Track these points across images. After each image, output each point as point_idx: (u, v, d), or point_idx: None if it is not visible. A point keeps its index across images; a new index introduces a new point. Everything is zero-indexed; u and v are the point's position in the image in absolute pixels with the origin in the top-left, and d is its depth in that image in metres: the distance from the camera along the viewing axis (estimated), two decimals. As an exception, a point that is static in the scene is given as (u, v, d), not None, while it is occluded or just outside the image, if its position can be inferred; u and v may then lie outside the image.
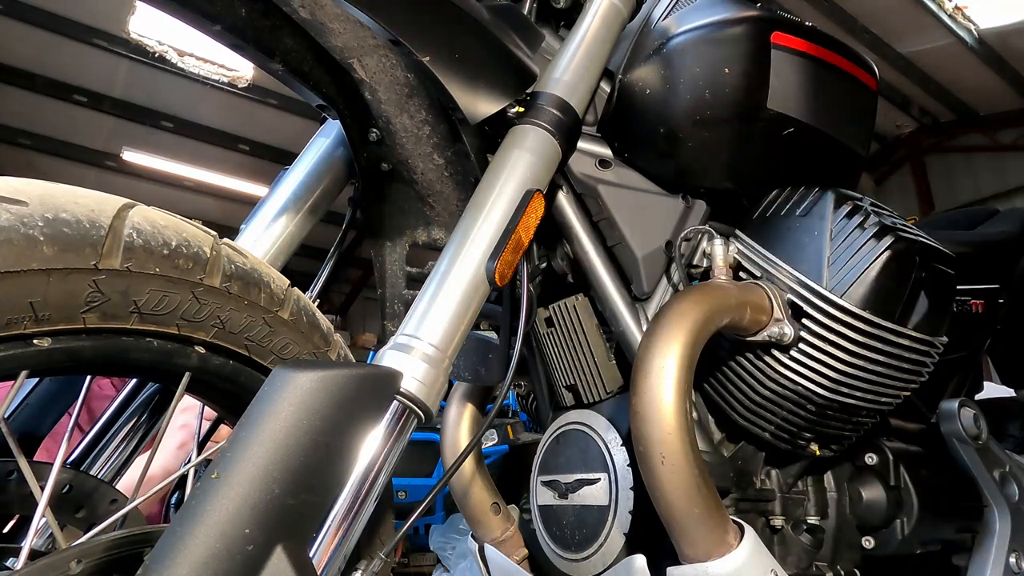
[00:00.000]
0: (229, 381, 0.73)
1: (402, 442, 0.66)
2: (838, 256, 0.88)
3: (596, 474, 0.94)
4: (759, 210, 0.99)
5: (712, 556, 0.75)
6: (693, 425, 0.79)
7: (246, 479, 0.51)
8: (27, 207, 0.55)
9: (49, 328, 0.57)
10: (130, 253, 0.60)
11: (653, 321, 0.83)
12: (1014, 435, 1.24)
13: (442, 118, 0.94)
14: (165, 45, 6.16)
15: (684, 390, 0.78)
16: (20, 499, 0.76)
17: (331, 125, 1.03)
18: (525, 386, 2.04)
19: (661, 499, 0.78)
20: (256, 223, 0.97)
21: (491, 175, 0.82)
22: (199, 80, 6.61)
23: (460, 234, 0.77)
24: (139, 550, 0.60)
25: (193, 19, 0.79)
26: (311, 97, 0.94)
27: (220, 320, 0.69)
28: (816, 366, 0.87)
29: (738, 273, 0.94)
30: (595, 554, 0.92)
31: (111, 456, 0.93)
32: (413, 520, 0.73)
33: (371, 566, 0.68)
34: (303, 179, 1.00)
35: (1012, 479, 1.04)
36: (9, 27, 5.89)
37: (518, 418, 4.57)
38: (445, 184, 1.00)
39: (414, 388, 0.66)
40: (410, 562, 4.20)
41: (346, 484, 0.61)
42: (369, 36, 0.86)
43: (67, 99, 6.70)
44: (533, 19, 1.02)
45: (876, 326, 0.86)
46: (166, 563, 0.48)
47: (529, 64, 0.89)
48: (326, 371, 0.57)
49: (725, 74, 0.93)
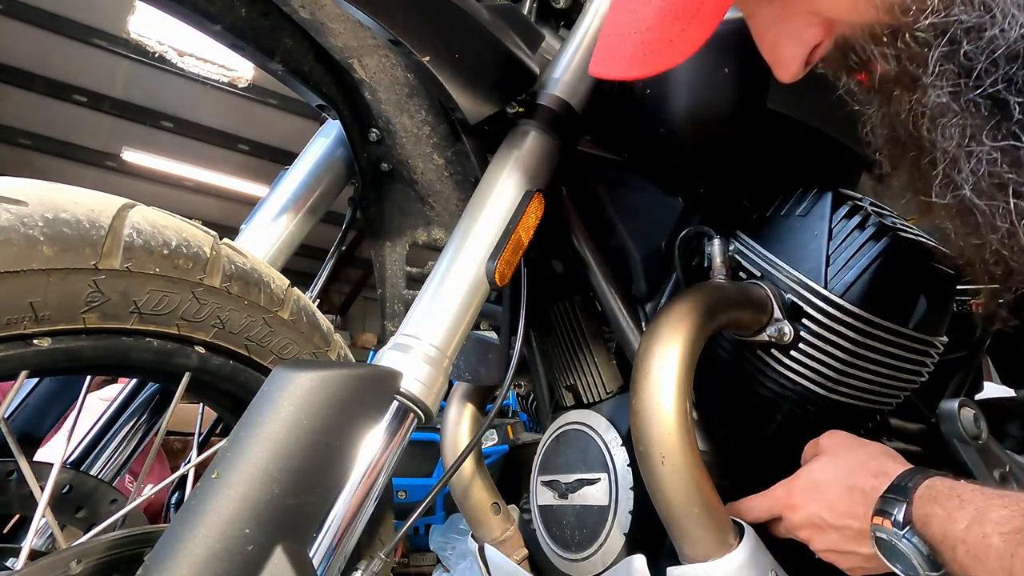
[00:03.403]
0: (229, 381, 0.73)
1: (402, 442, 0.66)
2: (838, 256, 0.88)
3: (596, 474, 0.94)
4: (759, 210, 0.99)
5: (712, 556, 0.75)
6: (693, 425, 0.79)
7: (246, 479, 0.51)
8: (27, 207, 0.55)
9: (49, 328, 0.57)
10: (130, 253, 0.60)
11: (653, 321, 0.83)
12: (1014, 435, 1.24)
13: (442, 118, 0.94)
14: (165, 45, 6.15)
15: (684, 390, 0.78)
16: (20, 499, 0.76)
17: (331, 125, 1.03)
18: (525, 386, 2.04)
19: (661, 499, 0.78)
20: (256, 223, 0.97)
21: (491, 175, 0.82)
22: (199, 80, 6.61)
23: (460, 234, 0.77)
24: (139, 550, 0.60)
25: (193, 19, 0.79)
26: (311, 97, 0.94)
27: (220, 320, 0.69)
28: (816, 366, 0.87)
29: (738, 273, 0.94)
30: (595, 554, 0.92)
31: (111, 456, 0.93)
32: (413, 520, 0.73)
33: (371, 566, 0.68)
34: (303, 179, 1.00)
35: (1012, 479, 1.04)
36: (9, 27, 5.89)
37: (518, 418, 4.57)
38: (445, 184, 1.00)
39: (414, 388, 0.66)
40: (410, 562, 4.20)
41: (346, 484, 0.61)
42: (369, 36, 0.86)
43: (67, 99, 6.70)
44: (533, 19, 1.02)
45: (876, 326, 0.86)
46: (166, 563, 0.48)
47: (529, 64, 0.88)
48: (326, 371, 0.57)
49: (725, 74, 0.93)
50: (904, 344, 0.88)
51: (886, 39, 0.61)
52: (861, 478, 0.75)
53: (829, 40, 0.66)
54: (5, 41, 6.03)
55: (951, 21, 0.55)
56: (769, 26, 0.69)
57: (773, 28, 0.68)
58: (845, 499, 0.75)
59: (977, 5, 0.54)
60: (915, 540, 0.66)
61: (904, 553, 0.67)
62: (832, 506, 0.76)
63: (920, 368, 0.92)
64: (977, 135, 0.57)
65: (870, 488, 0.73)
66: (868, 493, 0.73)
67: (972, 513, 0.62)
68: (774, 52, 0.69)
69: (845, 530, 0.75)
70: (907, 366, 0.90)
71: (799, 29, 0.66)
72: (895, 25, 0.59)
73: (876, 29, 0.61)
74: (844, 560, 0.77)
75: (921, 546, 0.66)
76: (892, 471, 0.74)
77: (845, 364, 0.86)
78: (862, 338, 0.86)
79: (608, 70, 0.67)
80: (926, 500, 0.67)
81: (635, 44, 0.63)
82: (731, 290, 0.88)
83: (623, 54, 0.64)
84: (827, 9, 0.64)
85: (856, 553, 0.75)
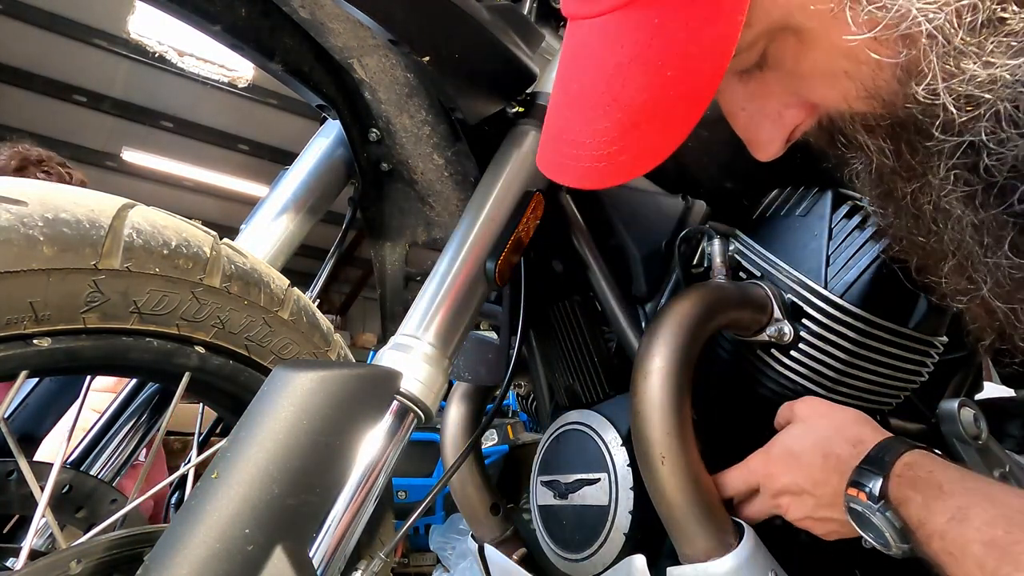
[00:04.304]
0: (229, 381, 0.73)
1: (402, 442, 0.66)
2: (838, 256, 0.88)
3: (596, 474, 0.94)
4: (759, 210, 0.99)
5: (712, 556, 0.76)
6: (693, 425, 0.79)
7: (246, 479, 0.51)
8: (27, 207, 0.55)
9: (49, 328, 0.57)
10: (130, 253, 0.60)
11: (652, 321, 0.83)
12: (1014, 435, 1.24)
13: (442, 118, 0.94)
14: (165, 45, 6.15)
15: (684, 390, 0.78)
16: (20, 499, 0.76)
17: (331, 125, 1.03)
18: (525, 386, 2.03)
19: (661, 499, 0.78)
20: (256, 223, 0.97)
21: (491, 175, 0.82)
22: (199, 80, 6.61)
23: (460, 234, 0.77)
24: (139, 550, 0.60)
25: (193, 19, 0.79)
26: (311, 97, 0.94)
27: (220, 320, 0.69)
28: (816, 366, 0.87)
29: (738, 273, 0.94)
30: (595, 554, 0.92)
31: (111, 456, 0.93)
32: (413, 520, 0.73)
33: (371, 566, 0.68)
34: (303, 179, 1.00)
35: (1012, 479, 1.04)
36: (9, 27, 5.89)
37: (518, 418, 4.58)
38: (445, 184, 1.00)
39: (414, 388, 0.66)
40: (410, 562, 4.20)
41: (346, 484, 0.61)
42: (369, 36, 0.86)
43: (67, 99, 6.70)
44: (533, 19, 1.02)
45: (876, 326, 0.86)
46: (166, 563, 0.48)
47: (529, 64, 0.88)
48: (326, 371, 0.57)
49: (725, 74, 0.93)
50: (904, 344, 0.88)
51: (884, 133, 0.55)
52: (838, 445, 0.75)
53: (812, 120, 0.61)
54: (5, 41, 6.03)
55: (972, 130, 0.49)
56: (743, 104, 0.62)
57: (748, 107, 0.62)
58: (821, 466, 0.75)
59: (1006, 120, 0.47)
60: (889, 515, 0.66)
61: (877, 526, 0.67)
62: (809, 473, 0.76)
63: (920, 368, 0.92)
64: (995, 249, 0.53)
65: (847, 455, 0.73)
66: (844, 460, 0.73)
67: (953, 509, 0.61)
68: (749, 132, 0.63)
69: (821, 497, 0.75)
70: (907, 366, 0.90)
71: (778, 109, 0.60)
72: (897, 121, 0.53)
73: (870, 120, 0.55)
74: (820, 526, 0.77)
75: (895, 520, 0.65)
76: (869, 439, 0.73)
77: (845, 364, 0.86)
78: (862, 338, 0.86)
79: (561, 175, 0.60)
80: (905, 482, 0.66)
81: (591, 156, 0.56)
82: (731, 290, 0.88)
83: (578, 166, 0.57)
84: (813, 96, 0.58)
85: (832, 519, 0.75)
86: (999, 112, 0.47)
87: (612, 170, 0.55)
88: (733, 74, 0.60)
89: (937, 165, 0.52)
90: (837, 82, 0.54)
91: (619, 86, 0.53)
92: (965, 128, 0.49)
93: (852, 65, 0.52)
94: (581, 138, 0.56)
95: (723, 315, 0.84)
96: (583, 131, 0.56)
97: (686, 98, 0.52)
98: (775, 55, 0.56)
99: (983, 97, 0.47)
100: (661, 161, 0.54)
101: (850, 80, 0.53)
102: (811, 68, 0.55)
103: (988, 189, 0.51)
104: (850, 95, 0.54)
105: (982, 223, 0.53)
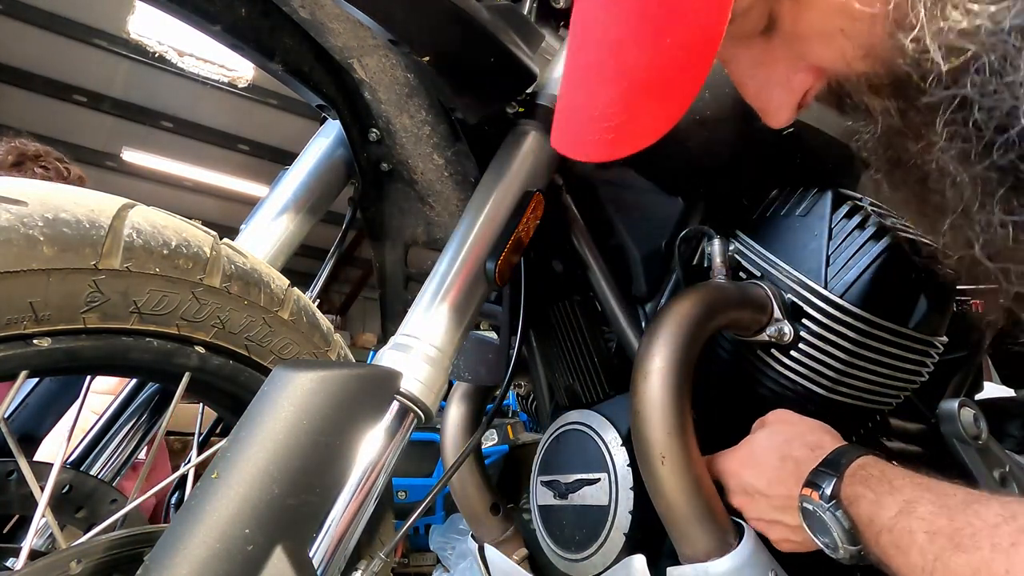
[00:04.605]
0: (229, 381, 0.73)
1: (402, 442, 0.66)
2: (838, 256, 0.88)
3: (596, 474, 0.94)
4: (759, 210, 0.99)
5: (712, 556, 0.76)
6: (693, 425, 0.79)
7: (246, 479, 0.51)
8: (27, 207, 0.55)
9: (49, 328, 0.57)
10: (130, 253, 0.60)
11: (652, 321, 0.83)
12: (1014, 435, 1.24)
13: (442, 118, 0.94)
14: (165, 45, 6.15)
15: (684, 390, 0.78)
16: (20, 499, 0.76)
17: (331, 125, 1.03)
18: (525, 386, 2.04)
19: (661, 499, 0.78)
20: (256, 223, 0.97)
21: (491, 175, 0.82)
22: (199, 80, 6.61)
23: (460, 234, 0.77)
24: (139, 550, 0.60)
25: (193, 19, 0.79)
26: (311, 97, 0.94)
27: (220, 320, 0.69)
28: (816, 366, 0.87)
29: (738, 273, 0.94)
30: (595, 554, 0.92)
31: (111, 456, 0.93)
32: (413, 520, 0.73)
33: (371, 566, 0.68)
34: (303, 179, 1.00)
35: (1012, 479, 1.04)
36: (9, 27, 5.89)
37: (518, 418, 4.57)
38: (445, 184, 1.00)
39: (414, 388, 0.66)
40: (410, 562, 4.20)
41: (346, 484, 0.61)
42: (369, 36, 0.86)
43: (67, 99, 6.70)
44: (533, 19, 1.01)
45: (876, 326, 0.86)
46: (166, 563, 0.48)
47: (529, 64, 0.88)
48: (326, 371, 0.57)
49: (725, 73, 0.93)
50: (904, 344, 0.88)
51: (887, 93, 0.57)
52: (796, 449, 0.76)
53: (821, 83, 0.62)
54: (5, 41, 6.03)
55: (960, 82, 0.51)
56: (751, 72, 0.64)
57: (757, 74, 0.63)
58: (777, 468, 0.76)
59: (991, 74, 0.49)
60: (839, 514, 0.66)
61: (827, 525, 0.67)
62: (764, 474, 0.76)
63: (920, 368, 0.92)
64: (988, 204, 0.55)
65: (803, 459, 0.74)
66: (800, 464, 0.74)
67: (901, 503, 0.62)
68: (760, 99, 0.64)
69: (774, 499, 0.75)
70: (907, 366, 0.90)
71: (786, 74, 0.61)
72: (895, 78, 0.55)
73: (873, 80, 0.57)
74: (772, 530, 0.78)
75: (844, 520, 0.66)
76: (828, 445, 0.74)
77: (845, 364, 0.86)
78: (862, 338, 0.86)
79: (573, 150, 0.62)
80: (857, 480, 0.67)
81: (600, 128, 0.57)
82: (731, 290, 0.88)
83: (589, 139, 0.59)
84: (813, 58, 0.59)
85: (782, 523, 0.76)
86: (985, 64, 0.49)
87: (621, 140, 0.57)
88: (738, 42, 0.62)
89: (934, 120, 0.54)
90: (834, 41, 0.56)
91: (623, 57, 0.55)
92: (953, 81, 0.51)
93: (847, 22, 0.54)
94: (591, 112, 0.58)
95: (723, 315, 0.84)
96: (592, 105, 0.58)
97: (687, 66, 0.54)
98: (774, 19, 0.58)
99: (966, 47, 0.49)
100: (668, 129, 0.56)
101: (846, 38, 0.55)
102: (808, 28, 0.57)
103: (979, 143, 0.53)
104: (848, 54, 0.56)
105: (975, 179, 0.55)
